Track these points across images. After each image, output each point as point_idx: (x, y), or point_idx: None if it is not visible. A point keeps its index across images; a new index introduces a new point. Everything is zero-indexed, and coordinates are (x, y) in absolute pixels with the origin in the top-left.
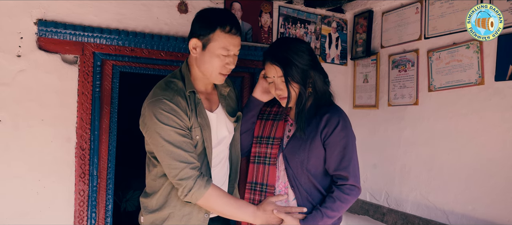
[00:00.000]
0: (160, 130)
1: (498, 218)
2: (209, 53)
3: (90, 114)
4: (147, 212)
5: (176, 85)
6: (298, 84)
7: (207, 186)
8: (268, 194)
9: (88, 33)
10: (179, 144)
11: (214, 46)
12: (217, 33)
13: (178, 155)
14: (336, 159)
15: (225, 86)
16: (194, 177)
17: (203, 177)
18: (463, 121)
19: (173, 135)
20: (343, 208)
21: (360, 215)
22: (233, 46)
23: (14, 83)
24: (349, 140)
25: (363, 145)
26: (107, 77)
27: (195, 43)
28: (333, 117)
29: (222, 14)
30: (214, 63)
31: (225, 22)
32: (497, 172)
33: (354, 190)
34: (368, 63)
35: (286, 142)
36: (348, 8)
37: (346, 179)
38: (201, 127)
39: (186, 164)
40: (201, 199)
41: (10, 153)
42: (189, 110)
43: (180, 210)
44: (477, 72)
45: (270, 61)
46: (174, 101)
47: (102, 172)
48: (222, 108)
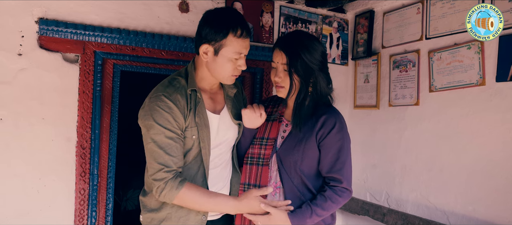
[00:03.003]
0: (151, 127)
1: (498, 219)
2: (222, 58)
3: (91, 113)
4: (146, 210)
5: (179, 82)
6: (299, 78)
7: (179, 187)
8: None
9: (89, 32)
10: (163, 145)
11: (227, 51)
12: (229, 38)
13: (158, 156)
14: (330, 161)
15: (232, 87)
16: (165, 180)
17: (175, 179)
18: (464, 121)
19: (161, 136)
20: (333, 209)
21: (360, 216)
22: (245, 48)
23: (15, 82)
24: (344, 143)
25: (363, 145)
26: (108, 76)
27: (206, 48)
28: (329, 118)
29: (231, 16)
30: (227, 67)
31: (236, 26)
32: (497, 172)
33: (345, 192)
34: (369, 63)
35: (280, 142)
36: (349, 8)
37: (340, 181)
38: (198, 126)
39: (162, 166)
40: (175, 200)
41: (11, 152)
42: (187, 108)
43: (177, 211)
44: (478, 72)
45: (279, 47)
46: (172, 98)
47: (103, 171)
48: (227, 109)
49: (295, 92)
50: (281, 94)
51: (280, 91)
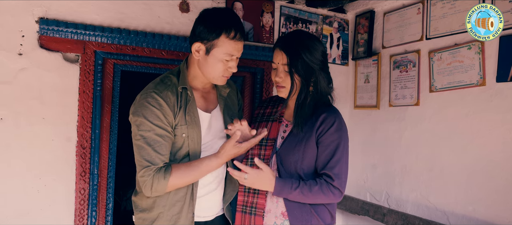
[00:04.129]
0: (140, 124)
1: (498, 219)
2: (213, 58)
3: (91, 113)
4: (138, 211)
5: (170, 80)
6: (300, 78)
7: (167, 175)
8: (260, 196)
9: (90, 31)
10: (152, 142)
11: (218, 51)
12: (221, 39)
13: (146, 153)
14: (325, 159)
15: (225, 87)
16: (151, 174)
17: (160, 170)
18: (464, 122)
19: (150, 133)
20: (318, 199)
21: (360, 216)
22: (237, 51)
23: (15, 81)
24: (341, 142)
25: (363, 145)
26: (108, 76)
27: (198, 46)
28: (329, 116)
29: (226, 17)
30: (217, 67)
31: (230, 28)
32: (498, 173)
33: (335, 191)
34: (369, 64)
35: (280, 142)
36: (350, 8)
37: (331, 179)
38: (188, 125)
39: (149, 163)
40: (167, 188)
41: (11, 152)
42: (177, 106)
43: (169, 210)
44: (478, 73)
45: (279, 47)
46: (162, 95)
47: (103, 170)
48: (219, 109)
49: (296, 92)
50: (282, 94)
51: (281, 91)
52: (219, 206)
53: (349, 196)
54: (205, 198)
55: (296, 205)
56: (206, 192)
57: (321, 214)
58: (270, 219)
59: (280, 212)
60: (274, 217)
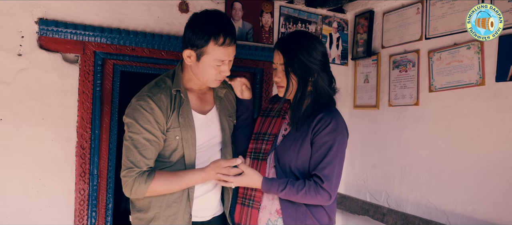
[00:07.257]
0: (131, 125)
1: (498, 219)
2: (204, 64)
3: (91, 113)
4: (134, 210)
5: (165, 83)
6: (297, 78)
7: (148, 181)
8: (259, 190)
9: (89, 32)
10: (139, 145)
11: (208, 58)
12: (210, 46)
13: (131, 154)
14: (317, 159)
15: (221, 87)
16: (133, 177)
17: (143, 174)
18: (463, 121)
19: (138, 136)
20: (305, 200)
21: (360, 215)
22: (228, 56)
23: (15, 82)
24: (335, 144)
25: (363, 145)
26: (108, 77)
27: (189, 53)
28: (326, 117)
29: (214, 22)
30: (209, 72)
31: (218, 33)
32: (497, 173)
33: (324, 194)
34: (368, 64)
35: (280, 139)
36: (349, 8)
37: (321, 181)
38: (182, 127)
39: (132, 165)
40: (147, 193)
41: (11, 152)
42: (170, 109)
43: (165, 211)
44: (478, 72)
45: (277, 48)
46: (155, 99)
47: (103, 171)
48: (216, 110)
49: (293, 91)
50: (282, 94)
51: (281, 91)
52: (216, 207)
53: (349, 196)
54: (202, 199)
55: (290, 204)
56: (202, 193)
57: (317, 214)
58: (265, 216)
59: (274, 210)
60: (269, 213)
